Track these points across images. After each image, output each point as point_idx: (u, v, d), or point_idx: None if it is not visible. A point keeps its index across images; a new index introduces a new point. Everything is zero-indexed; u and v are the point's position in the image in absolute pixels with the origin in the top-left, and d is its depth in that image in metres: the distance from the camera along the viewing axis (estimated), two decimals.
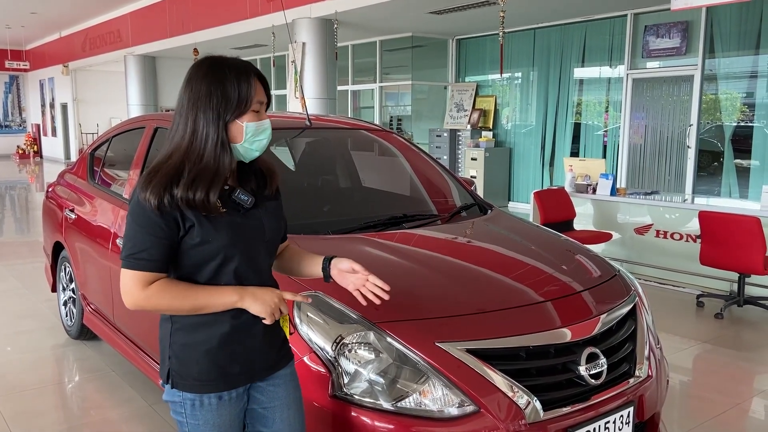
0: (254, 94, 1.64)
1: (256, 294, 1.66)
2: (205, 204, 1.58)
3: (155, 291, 1.59)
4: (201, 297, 1.62)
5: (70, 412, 3.55)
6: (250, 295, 1.65)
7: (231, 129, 1.64)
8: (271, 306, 1.66)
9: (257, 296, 1.66)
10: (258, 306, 1.65)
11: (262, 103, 1.68)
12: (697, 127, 8.19)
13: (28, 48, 22.11)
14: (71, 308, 4.42)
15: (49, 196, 4.71)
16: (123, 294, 1.61)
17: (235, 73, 1.63)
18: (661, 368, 2.53)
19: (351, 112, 12.96)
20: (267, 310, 1.65)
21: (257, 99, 1.65)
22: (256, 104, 1.66)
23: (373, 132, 3.84)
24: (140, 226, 1.59)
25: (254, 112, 1.66)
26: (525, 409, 2.01)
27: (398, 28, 10.88)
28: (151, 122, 3.63)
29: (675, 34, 8.25)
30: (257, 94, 1.66)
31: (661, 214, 6.18)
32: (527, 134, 10.59)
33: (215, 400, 1.67)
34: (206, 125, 1.61)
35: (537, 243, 3.01)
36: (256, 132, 1.67)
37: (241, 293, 1.65)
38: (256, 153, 1.70)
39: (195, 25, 12.29)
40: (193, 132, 1.61)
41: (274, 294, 1.68)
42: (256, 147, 1.68)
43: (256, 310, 1.65)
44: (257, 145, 1.68)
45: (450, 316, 2.20)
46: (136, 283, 1.59)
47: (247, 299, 1.65)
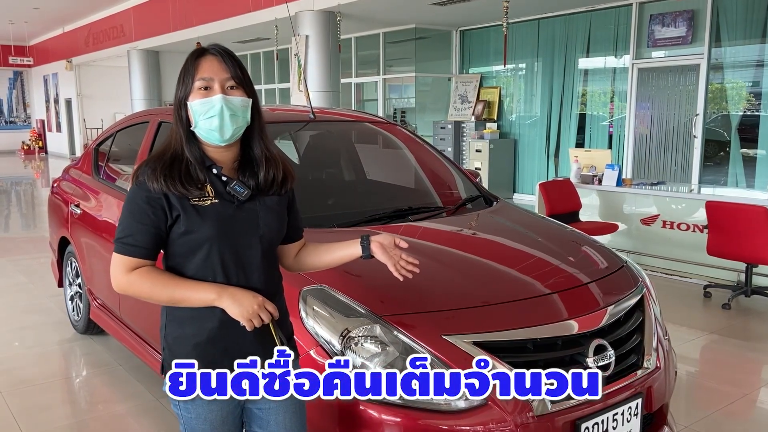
0: (197, 70, 1.58)
1: (236, 295, 1.59)
2: (182, 192, 1.58)
3: (137, 277, 1.59)
4: (179, 289, 1.59)
5: (77, 407, 3.56)
6: (229, 295, 1.58)
7: (189, 114, 1.62)
8: (249, 311, 1.58)
9: (236, 298, 1.58)
10: (235, 308, 1.57)
11: (210, 80, 1.58)
12: (704, 117, 8.14)
13: (32, 44, 22.13)
14: (78, 303, 4.43)
15: (55, 191, 4.72)
16: (111, 277, 1.63)
17: (192, 56, 1.61)
18: (669, 359, 2.52)
19: (354, 104, 12.93)
20: (244, 313, 1.57)
21: (200, 75, 1.58)
22: (200, 81, 1.58)
23: (377, 124, 3.82)
24: (129, 212, 1.61)
25: (200, 89, 1.59)
26: (532, 402, 2.00)
27: (401, 20, 10.83)
28: (155, 117, 3.62)
29: (680, 23, 8.19)
30: (201, 70, 1.58)
31: (668, 205, 6.14)
32: (532, 125, 10.55)
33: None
34: (176, 111, 1.63)
35: (543, 235, 3.00)
36: (201, 111, 1.57)
37: (220, 292, 1.58)
38: (215, 134, 1.59)
39: (198, 19, 12.27)
40: (173, 124, 1.65)
41: (255, 299, 1.60)
42: (210, 127, 1.58)
43: (233, 312, 1.58)
44: (209, 125, 1.58)
45: (456, 309, 2.19)
46: (120, 268, 1.61)
47: (225, 299, 1.58)
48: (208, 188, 1.62)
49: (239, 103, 1.61)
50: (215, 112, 1.58)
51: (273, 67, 14.31)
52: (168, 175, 1.58)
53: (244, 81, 1.64)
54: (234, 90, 1.62)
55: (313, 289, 2.20)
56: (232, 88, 1.62)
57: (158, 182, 1.58)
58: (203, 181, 1.62)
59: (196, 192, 1.60)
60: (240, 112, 1.62)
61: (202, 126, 1.60)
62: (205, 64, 1.60)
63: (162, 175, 1.58)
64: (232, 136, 1.62)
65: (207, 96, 1.59)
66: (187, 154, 1.62)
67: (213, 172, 1.65)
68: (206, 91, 1.59)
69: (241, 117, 1.62)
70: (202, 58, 1.61)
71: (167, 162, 1.61)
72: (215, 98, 1.58)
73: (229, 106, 1.59)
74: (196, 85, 1.59)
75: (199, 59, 1.61)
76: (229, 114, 1.59)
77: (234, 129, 1.61)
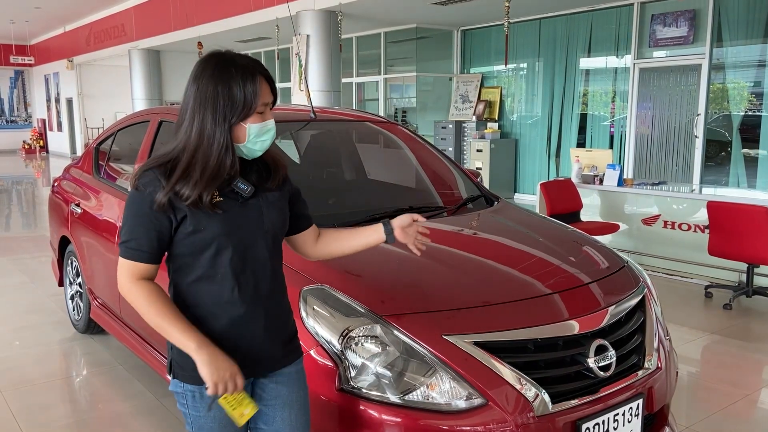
0: (259, 96, 1.61)
1: (216, 356, 1.56)
2: (196, 202, 1.57)
3: (138, 290, 1.60)
4: (166, 321, 1.58)
5: (77, 406, 3.56)
6: (209, 354, 1.56)
7: (235, 130, 1.62)
8: (221, 377, 1.55)
9: (215, 358, 1.56)
10: (206, 369, 1.54)
11: (267, 104, 1.65)
12: (705, 117, 8.13)
13: (33, 43, 22.15)
14: (78, 302, 4.43)
15: (55, 190, 4.72)
16: (117, 278, 1.64)
17: (241, 73, 1.59)
18: (670, 360, 2.51)
19: (356, 104, 12.93)
20: (214, 376, 1.55)
21: (262, 101, 1.63)
22: (261, 106, 1.63)
23: (377, 124, 3.82)
24: (133, 216, 1.61)
25: (259, 113, 1.63)
26: (533, 402, 2.00)
27: (402, 20, 10.82)
28: (155, 116, 3.62)
29: (682, 23, 8.18)
30: (262, 95, 1.63)
31: (669, 205, 6.14)
32: (533, 125, 10.54)
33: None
34: (213, 126, 1.59)
35: (544, 235, 2.99)
36: (259, 133, 1.65)
37: (202, 345, 1.56)
38: (258, 152, 1.68)
39: (199, 19, 12.28)
40: (200, 132, 1.59)
41: (231, 368, 1.57)
42: (259, 147, 1.67)
43: (203, 371, 1.55)
44: (260, 146, 1.67)
45: (457, 309, 2.19)
46: (124, 272, 1.62)
47: (204, 355, 1.55)
48: None
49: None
50: (270, 136, 1.68)
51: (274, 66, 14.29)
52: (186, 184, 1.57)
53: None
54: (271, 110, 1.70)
55: (313, 289, 2.19)
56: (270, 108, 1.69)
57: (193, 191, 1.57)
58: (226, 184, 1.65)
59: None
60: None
61: (250, 145, 1.65)
62: (264, 89, 1.64)
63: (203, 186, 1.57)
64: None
65: (264, 120, 1.65)
66: (226, 168, 1.61)
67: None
68: (262, 115, 1.65)
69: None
70: (261, 81, 1.63)
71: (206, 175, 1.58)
72: (270, 123, 1.67)
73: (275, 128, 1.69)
74: (258, 109, 1.63)
75: (260, 82, 1.62)
76: (273, 134, 1.69)
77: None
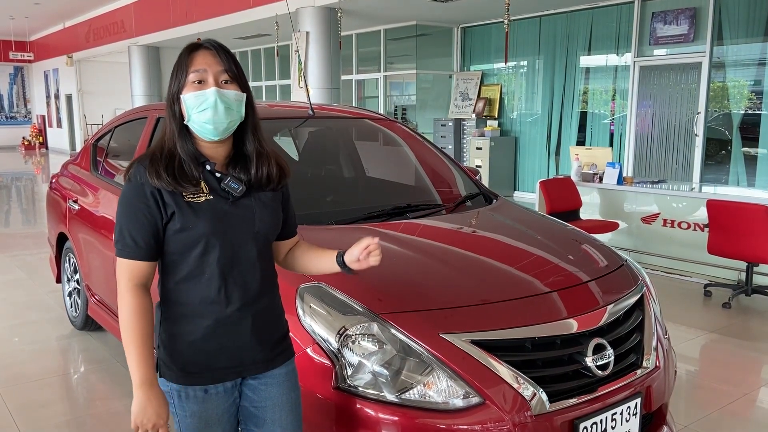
0: (192, 65, 1.57)
1: (149, 399, 1.54)
2: (176, 188, 1.56)
3: (128, 300, 1.58)
4: (134, 344, 1.55)
5: (74, 403, 3.55)
6: (144, 394, 1.54)
7: (182, 108, 1.60)
8: (140, 423, 1.54)
9: (147, 402, 1.54)
10: (136, 408, 1.54)
11: (205, 72, 1.56)
12: (705, 115, 8.12)
13: (32, 39, 22.11)
14: (76, 299, 4.42)
15: (53, 187, 4.70)
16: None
17: (185, 50, 1.60)
18: (668, 359, 2.50)
19: (355, 101, 12.91)
20: (136, 419, 1.54)
21: (194, 68, 1.57)
22: (193, 74, 1.57)
23: (376, 121, 3.80)
24: (124, 211, 1.60)
25: (194, 83, 1.57)
26: (531, 401, 1.99)
27: (402, 17, 10.80)
28: (153, 112, 3.60)
29: (682, 21, 8.16)
30: (195, 63, 1.57)
31: (669, 203, 6.12)
32: (533, 123, 10.53)
33: (201, 393, 1.64)
34: (168, 110, 1.61)
35: (543, 233, 2.98)
36: (195, 104, 1.56)
37: (144, 384, 1.54)
38: (211, 130, 1.57)
39: (198, 15, 12.26)
40: (166, 119, 1.63)
41: (158, 419, 1.55)
42: (206, 120, 1.56)
43: (132, 408, 1.55)
44: (205, 118, 1.55)
45: (454, 307, 2.17)
46: (124, 273, 1.60)
47: (139, 394, 1.54)
48: (202, 185, 1.61)
49: (233, 97, 1.60)
50: (209, 105, 1.56)
51: (273, 63, 14.29)
52: (162, 171, 1.56)
53: (239, 75, 1.62)
54: (228, 84, 1.60)
55: (310, 287, 2.18)
56: (226, 82, 1.60)
57: (152, 178, 1.56)
58: (197, 178, 1.60)
59: (191, 188, 1.59)
60: (234, 106, 1.60)
61: (195, 120, 1.58)
62: (198, 58, 1.59)
63: (154, 171, 1.56)
64: (225, 130, 1.61)
65: (201, 89, 1.58)
66: (179, 149, 1.60)
67: (206, 168, 1.63)
68: (200, 85, 1.58)
69: (236, 111, 1.61)
70: (195, 52, 1.60)
71: (161, 158, 1.59)
72: (209, 91, 1.57)
73: (223, 99, 1.57)
74: (190, 78, 1.58)
75: (193, 53, 1.60)
76: (224, 107, 1.57)
77: (228, 123, 1.60)
